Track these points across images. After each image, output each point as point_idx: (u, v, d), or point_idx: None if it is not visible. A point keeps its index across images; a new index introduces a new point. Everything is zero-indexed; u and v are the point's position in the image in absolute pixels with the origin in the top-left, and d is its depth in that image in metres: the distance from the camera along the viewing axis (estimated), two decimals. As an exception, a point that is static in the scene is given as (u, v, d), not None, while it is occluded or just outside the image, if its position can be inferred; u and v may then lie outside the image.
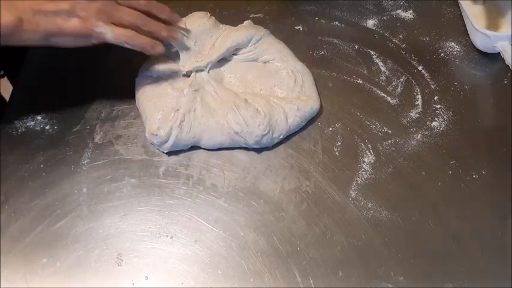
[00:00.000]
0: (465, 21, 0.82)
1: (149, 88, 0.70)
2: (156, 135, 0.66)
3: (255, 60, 0.74)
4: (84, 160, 0.67)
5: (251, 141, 0.67)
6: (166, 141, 0.67)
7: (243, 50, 0.74)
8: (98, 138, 0.69)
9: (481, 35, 0.75)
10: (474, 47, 0.80)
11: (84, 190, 0.65)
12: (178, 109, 0.67)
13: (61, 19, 0.60)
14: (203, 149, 0.69)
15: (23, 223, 0.62)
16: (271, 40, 0.76)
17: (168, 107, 0.68)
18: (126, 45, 0.64)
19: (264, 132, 0.66)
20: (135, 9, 0.65)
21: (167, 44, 0.70)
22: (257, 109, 0.67)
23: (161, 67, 0.72)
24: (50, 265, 0.59)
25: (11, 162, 0.67)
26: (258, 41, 0.74)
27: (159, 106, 0.68)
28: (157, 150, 0.69)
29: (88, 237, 0.61)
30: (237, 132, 0.66)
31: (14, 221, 0.63)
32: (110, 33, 0.62)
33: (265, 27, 0.77)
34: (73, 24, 0.61)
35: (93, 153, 0.68)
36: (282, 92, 0.71)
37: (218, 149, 0.69)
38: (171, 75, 0.72)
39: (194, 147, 0.69)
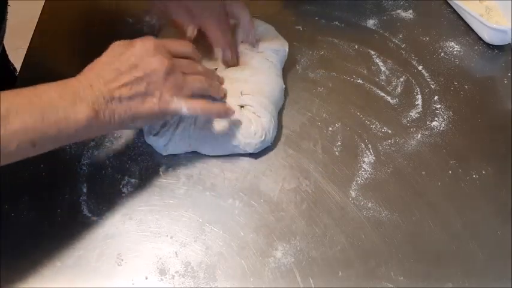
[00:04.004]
0: (467, 20, 0.82)
1: None
2: (156, 138, 0.66)
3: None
4: (84, 160, 0.67)
5: (251, 150, 0.67)
6: (164, 145, 0.67)
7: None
8: (97, 138, 0.69)
9: (494, 30, 0.77)
10: (474, 46, 0.80)
11: (84, 190, 0.65)
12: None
13: (136, 102, 0.58)
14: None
15: (23, 223, 0.62)
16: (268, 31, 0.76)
17: None
18: (200, 114, 0.65)
19: (262, 138, 0.66)
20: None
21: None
22: (250, 119, 0.67)
23: None
24: (50, 265, 0.59)
25: (11, 163, 0.67)
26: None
27: None
28: (157, 150, 0.69)
29: (88, 237, 0.61)
30: (235, 146, 0.66)
31: (14, 221, 0.63)
32: (186, 108, 0.61)
33: (265, 27, 0.77)
34: (149, 105, 0.58)
35: (93, 153, 0.68)
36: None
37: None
38: None
39: (194, 147, 0.69)
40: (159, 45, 0.60)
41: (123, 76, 0.57)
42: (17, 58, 0.88)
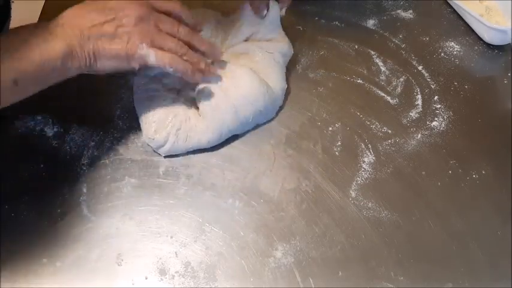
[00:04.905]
0: (467, 20, 0.82)
1: (145, 89, 0.70)
2: (153, 139, 0.66)
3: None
4: (84, 160, 0.67)
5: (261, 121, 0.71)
6: (162, 146, 0.66)
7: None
8: (97, 138, 0.69)
9: (494, 30, 0.77)
10: (474, 46, 0.80)
11: (84, 190, 0.65)
12: (176, 115, 0.66)
13: (103, 42, 0.60)
14: (202, 149, 0.68)
15: (23, 223, 0.62)
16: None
17: (163, 109, 0.67)
18: (168, 69, 0.63)
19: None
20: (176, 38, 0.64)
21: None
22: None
23: (158, 68, 0.71)
24: (50, 265, 0.59)
25: (11, 162, 0.67)
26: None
27: (154, 109, 0.67)
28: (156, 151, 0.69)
29: (88, 237, 0.61)
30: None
31: (14, 221, 0.63)
32: (153, 56, 0.61)
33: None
34: (115, 46, 0.60)
35: (93, 153, 0.68)
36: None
37: (218, 149, 0.69)
38: (166, 75, 0.70)
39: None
40: None
41: (96, 17, 0.60)
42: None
